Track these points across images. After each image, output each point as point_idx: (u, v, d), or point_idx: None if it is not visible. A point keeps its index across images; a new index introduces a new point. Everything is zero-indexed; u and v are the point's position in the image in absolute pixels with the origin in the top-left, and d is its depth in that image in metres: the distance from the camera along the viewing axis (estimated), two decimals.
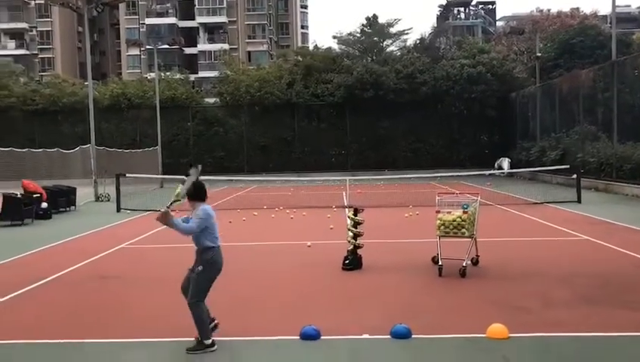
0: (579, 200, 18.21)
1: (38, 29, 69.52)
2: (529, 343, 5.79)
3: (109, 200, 22.19)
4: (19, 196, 17.02)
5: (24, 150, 30.80)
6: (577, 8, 54.20)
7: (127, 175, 22.14)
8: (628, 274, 8.63)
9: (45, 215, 17.30)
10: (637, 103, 22.85)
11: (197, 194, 5.79)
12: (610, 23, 31.73)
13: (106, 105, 37.62)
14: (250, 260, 10.35)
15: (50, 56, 69.61)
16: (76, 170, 30.74)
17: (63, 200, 19.44)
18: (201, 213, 5.66)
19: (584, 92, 26.33)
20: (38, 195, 17.63)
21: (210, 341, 5.66)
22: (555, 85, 29.87)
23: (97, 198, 23.15)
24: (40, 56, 69.29)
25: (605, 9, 79.84)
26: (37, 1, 67.95)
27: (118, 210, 18.80)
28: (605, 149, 22.88)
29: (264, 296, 7.78)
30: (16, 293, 8.14)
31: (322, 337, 5.90)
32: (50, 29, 69.64)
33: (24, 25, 68.44)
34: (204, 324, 5.65)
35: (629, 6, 72.85)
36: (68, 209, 19.64)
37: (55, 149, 32.78)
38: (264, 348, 5.83)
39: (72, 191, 20.26)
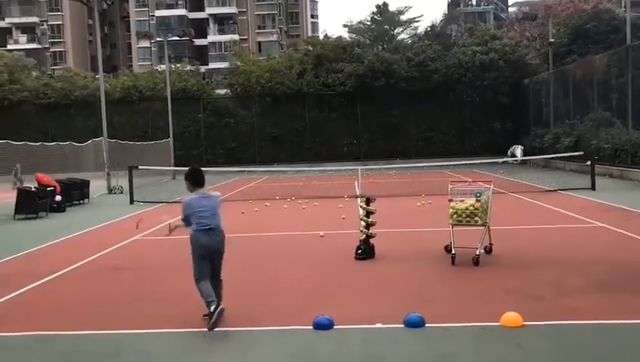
0: (593, 187, 18.04)
1: (49, 22, 69.84)
2: (544, 331, 5.75)
3: (122, 192, 22.32)
4: (33, 189, 17.18)
5: (37, 144, 31.01)
6: None
7: (139, 167, 22.23)
8: None
9: (59, 208, 17.44)
10: None
11: (187, 178, 6.49)
12: (625, 7, 31.24)
13: (117, 98, 37.79)
14: (263, 250, 10.37)
15: (62, 49, 69.95)
16: (89, 163, 30.93)
17: (76, 193, 19.58)
18: (182, 204, 6.38)
19: (598, 77, 26.02)
20: (52, 188, 17.76)
21: (213, 307, 5.89)
22: (568, 71, 29.54)
23: (110, 191, 23.30)
24: (51, 49, 69.66)
25: None
26: None
27: (132, 202, 18.91)
28: (620, 135, 22.61)
29: (277, 286, 7.80)
30: (31, 286, 8.22)
31: (335, 326, 5.90)
32: (60, 22, 69.94)
33: (35, 19, 68.78)
34: (204, 296, 6.01)
35: None
36: (81, 202, 19.78)
37: (68, 143, 33.00)
38: (277, 337, 5.84)
39: (85, 184, 20.40)
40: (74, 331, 6.19)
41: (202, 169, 6.68)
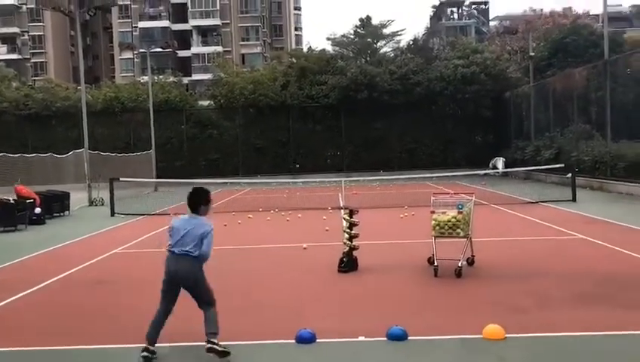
0: (574, 199, 18.22)
1: (30, 33, 69.29)
2: (526, 343, 5.76)
3: (103, 204, 22.08)
4: (12, 201, 16.91)
5: (16, 155, 30.60)
6: (570, 8, 54.43)
7: (120, 179, 22.03)
8: (624, 273, 8.62)
9: (39, 220, 17.19)
10: (630, 102, 22.90)
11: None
12: (602, 22, 31.82)
13: (99, 109, 37.45)
14: (245, 263, 10.30)
15: (43, 60, 69.38)
16: (70, 175, 30.54)
17: (56, 205, 19.32)
18: None
19: (578, 91, 26.39)
20: (32, 200, 17.50)
21: (145, 345, 5.56)
22: (548, 84, 29.93)
23: (91, 203, 23.04)
24: (32, 60, 69.06)
25: (597, 8, 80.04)
26: (29, 6, 67.74)
27: (112, 214, 18.70)
28: (599, 148, 22.92)
29: (259, 299, 7.73)
30: (9, 300, 8.06)
31: (318, 340, 5.86)
32: (42, 33, 69.44)
33: (16, 29, 68.23)
34: (146, 333, 5.62)
35: (621, 5, 73.15)
36: (62, 214, 19.52)
37: (48, 154, 32.60)
38: (259, 351, 5.79)
39: (65, 196, 20.14)
40: (51, 346, 6.07)
41: (203, 190, 5.95)
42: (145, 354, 5.53)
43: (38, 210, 17.39)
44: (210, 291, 5.71)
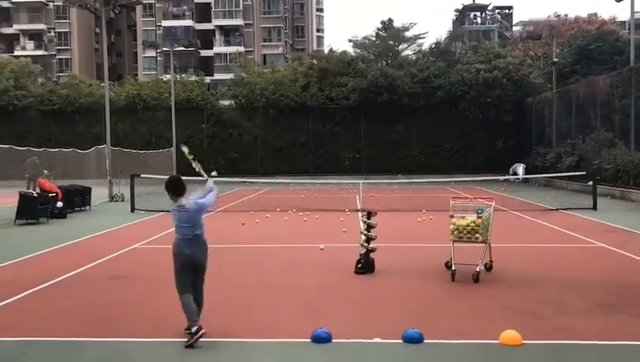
0: (594, 207, 18.01)
1: (57, 30, 70.25)
2: (543, 350, 5.72)
3: (123, 200, 22.33)
4: (35, 195, 17.20)
5: (40, 150, 31.07)
6: (595, 14, 53.70)
7: (141, 175, 22.27)
8: None
9: (60, 214, 17.45)
10: None
11: (166, 188, 6.29)
12: (629, 29, 31.40)
13: (121, 106, 37.92)
14: (263, 262, 10.35)
15: (68, 57, 70.31)
16: (91, 170, 30.97)
17: (78, 199, 19.60)
18: None
19: (601, 98, 26.07)
20: (54, 194, 17.79)
21: (195, 328, 5.76)
22: (572, 91, 29.60)
23: (112, 198, 23.31)
24: (58, 57, 70.01)
25: (624, 15, 79.00)
26: (55, 3, 68.71)
27: (132, 210, 18.91)
28: (622, 156, 22.61)
29: (276, 298, 7.77)
30: (29, 291, 8.21)
31: (333, 340, 5.87)
32: (68, 30, 70.36)
33: (43, 26, 69.22)
34: (187, 314, 5.89)
35: None
36: (83, 208, 19.79)
37: (71, 149, 33.08)
38: (275, 349, 5.82)
39: (87, 191, 20.42)
40: (69, 337, 6.17)
41: (180, 177, 6.50)
42: (194, 326, 5.79)
43: (60, 204, 17.66)
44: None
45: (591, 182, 19.76)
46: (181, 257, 6.02)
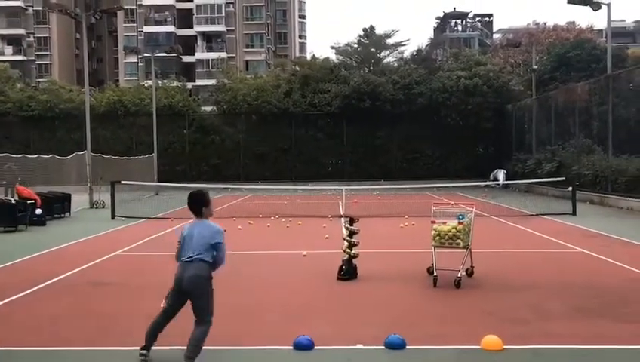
0: (574, 213, 18.24)
1: (36, 35, 69.55)
2: (524, 355, 5.77)
3: (104, 207, 22.11)
4: (13, 202, 16.94)
5: (19, 156, 30.66)
6: (573, 22, 54.62)
7: (122, 182, 22.08)
8: (623, 287, 8.63)
9: (39, 221, 17.21)
10: (632, 117, 22.96)
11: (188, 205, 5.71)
12: (606, 37, 31.95)
13: (102, 112, 37.58)
14: (245, 269, 10.30)
15: (48, 62, 69.61)
16: (71, 177, 30.60)
17: (57, 206, 19.34)
18: None
19: (580, 105, 26.46)
20: (33, 201, 17.54)
21: (141, 351, 5.53)
22: (551, 98, 30.01)
23: (92, 205, 23.06)
24: (37, 62, 69.28)
25: (601, 23, 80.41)
26: (35, 8, 68.04)
27: (113, 217, 18.72)
28: (600, 162, 22.95)
29: (258, 305, 7.74)
30: (7, 300, 8.08)
31: (316, 347, 5.87)
32: (47, 35, 69.69)
33: (22, 31, 68.48)
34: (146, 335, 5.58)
35: (624, 20, 73.44)
36: (62, 215, 19.54)
37: (50, 155, 32.67)
38: (256, 356, 5.80)
39: (66, 198, 20.17)
40: (49, 347, 6.08)
41: (201, 192, 5.82)
42: (143, 352, 5.52)
43: (38, 211, 17.41)
44: (210, 308, 5.46)
45: (570, 188, 20.02)
46: (175, 281, 5.51)
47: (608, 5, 23.93)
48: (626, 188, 20.62)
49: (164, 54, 49.66)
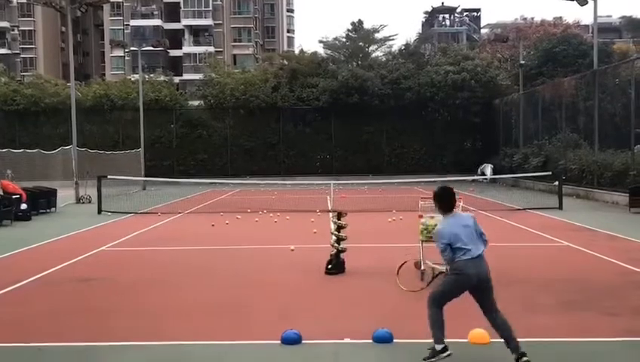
0: (560, 207, 18.37)
1: (21, 28, 68.74)
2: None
3: (90, 202, 21.93)
4: None
5: (4, 150, 30.34)
6: (560, 17, 54.97)
7: (108, 177, 21.91)
8: (609, 281, 8.70)
9: (24, 216, 17.05)
10: (618, 112, 23.15)
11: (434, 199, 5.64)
12: (592, 33, 32.15)
13: (88, 107, 37.23)
14: (233, 264, 10.27)
15: (33, 56, 68.85)
16: (57, 172, 30.34)
17: (43, 201, 19.17)
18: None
19: (566, 100, 26.63)
20: (18, 196, 17.37)
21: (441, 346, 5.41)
22: (538, 93, 30.16)
23: (78, 200, 22.87)
24: (22, 55, 68.50)
25: (587, 19, 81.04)
26: (19, 0, 67.20)
27: (100, 212, 18.58)
28: (587, 157, 23.13)
29: (245, 299, 7.71)
30: None
31: (303, 341, 5.86)
32: (32, 28, 68.91)
33: (6, 24, 67.61)
34: (433, 332, 5.45)
35: (610, 16, 73.93)
36: (48, 210, 19.37)
37: (36, 150, 32.36)
38: (244, 351, 5.78)
39: (52, 193, 19.99)
40: (33, 342, 6.01)
41: (452, 189, 5.69)
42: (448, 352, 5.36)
43: (24, 206, 17.26)
44: None
45: (557, 182, 20.16)
46: (465, 276, 5.48)
47: (595, 0, 24.07)
48: (612, 183, 20.80)
49: (151, 48, 49.21)
